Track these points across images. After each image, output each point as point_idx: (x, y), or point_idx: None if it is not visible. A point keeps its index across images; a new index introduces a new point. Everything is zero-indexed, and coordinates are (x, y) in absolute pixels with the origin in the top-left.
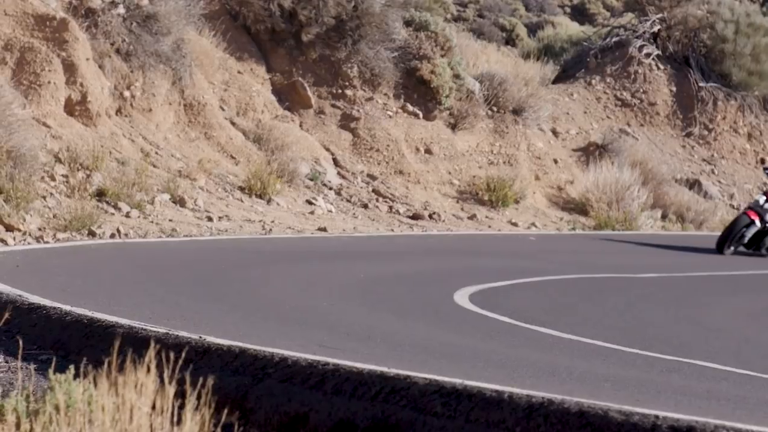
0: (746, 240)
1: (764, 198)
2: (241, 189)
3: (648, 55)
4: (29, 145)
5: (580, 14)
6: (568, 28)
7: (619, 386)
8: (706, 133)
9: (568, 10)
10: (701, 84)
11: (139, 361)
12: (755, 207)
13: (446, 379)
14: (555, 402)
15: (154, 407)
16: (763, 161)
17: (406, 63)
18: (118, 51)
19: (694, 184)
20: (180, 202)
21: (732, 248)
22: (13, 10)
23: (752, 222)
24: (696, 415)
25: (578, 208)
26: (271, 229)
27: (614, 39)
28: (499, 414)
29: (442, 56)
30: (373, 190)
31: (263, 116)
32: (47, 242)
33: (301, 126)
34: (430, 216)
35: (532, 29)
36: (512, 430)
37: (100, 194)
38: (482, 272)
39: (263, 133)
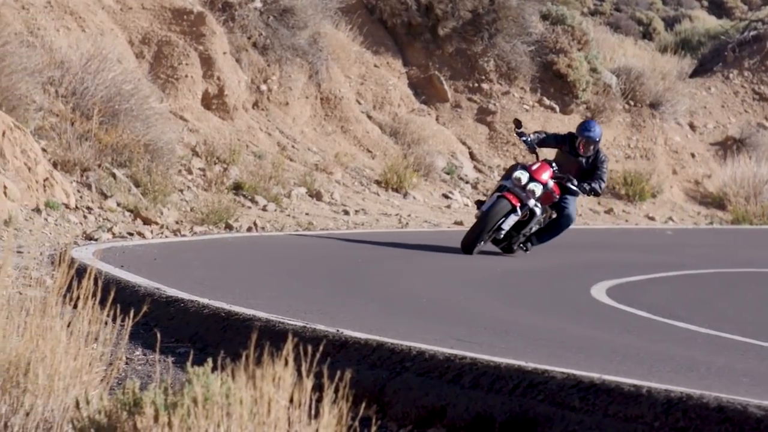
0: (503, 234)
1: (527, 175)
2: (378, 183)
3: None
4: (166, 138)
5: (718, 8)
6: (705, 21)
7: (758, 381)
8: None
9: (705, 3)
10: None
11: (276, 354)
12: (515, 189)
13: (584, 373)
14: (694, 397)
15: (291, 400)
16: (517, 124)
17: (542, 57)
18: (254, 45)
19: None
20: (316, 195)
21: (482, 244)
22: (150, 4)
23: (514, 209)
24: None
25: (715, 202)
26: (407, 223)
27: (752, 33)
28: (638, 409)
29: (579, 50)
30: None
31: (399, 110)
32: (184, 235)
33: (437, 120)
34: None
35: (670, 23)
36: (650, 425)
37: (237, 188)
38: (619, 266)
39: (399, 127)
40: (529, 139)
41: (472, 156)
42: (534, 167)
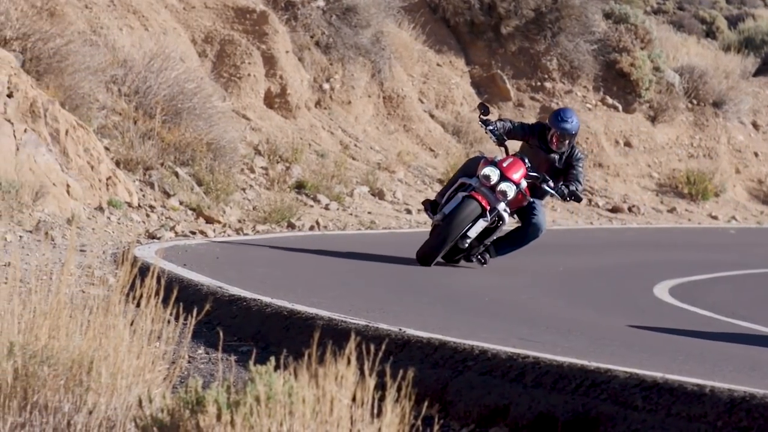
0: (468, 243)
1: (497, 173)
2: (440, 181)
3: None
4: (229, 137)
5: None
6: None
7: None
8: None
9: None
10: None
11: (339, 353)
12: (482, 189)
13: (647, 372)
14: (757, 396)
15: (354, 399)
16: (483, 109)
17: (605, 56)
18: (317, 43)
19: None
20: (379, 194)
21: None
22: (213, 3)
23: (484, 213)
24: None
25: None
26: None
27: None
28: (701, 408)
29: (642, 49)
30: None
31: (462, 109)
32: (246, 234)
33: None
34: (630, 209)
35: (733, 21)
36: (713, 425)
37: (299, 186)
38: (682, 266)
39: (462, 126)
40: (496, 129)
41: None
42: (505, 163)
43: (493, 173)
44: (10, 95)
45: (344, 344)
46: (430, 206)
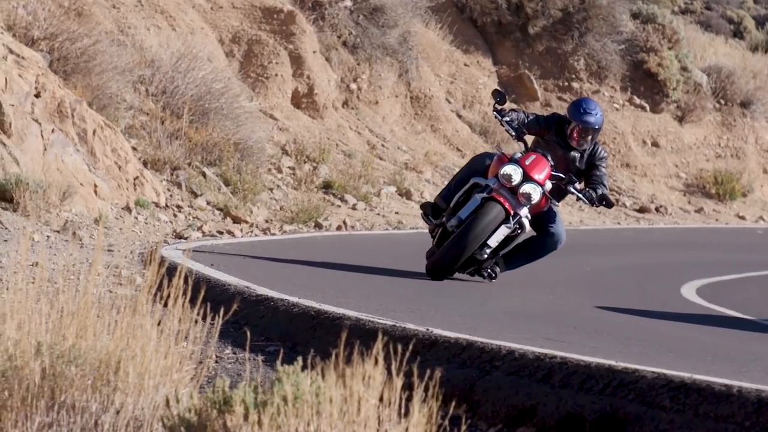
0: (487, 253)
1: (520, 172)
2: None
3: None
4: (256, 137)
5: None
6: None
7: None
8: None
9: None
10: None
11: (366, 353)
12: (504, 191)
13: (674, 373)
14: None
15: (381, 399)
16: (499, 97)
17: (632, 55)
18: (344, 43)
19: None
20: (406, 194)
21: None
22: (241, 3)
23: (507, 218)
24: None
25: None
26: None
27: None
28: (728, 408)
29: (670, 49)
30: None
31: (489, 109)
32: (274, 234)
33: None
34: (657, 209)
35: (761, 21)
36: (741, 425)
37: (327, 186)
38: (709, 266)
39: (489, 126)
40: (512, 121)
41: None
42: (528, 161)
43: (515, 172)
44: (37, 95)
45: (371, 344)
46: (431, 210)
